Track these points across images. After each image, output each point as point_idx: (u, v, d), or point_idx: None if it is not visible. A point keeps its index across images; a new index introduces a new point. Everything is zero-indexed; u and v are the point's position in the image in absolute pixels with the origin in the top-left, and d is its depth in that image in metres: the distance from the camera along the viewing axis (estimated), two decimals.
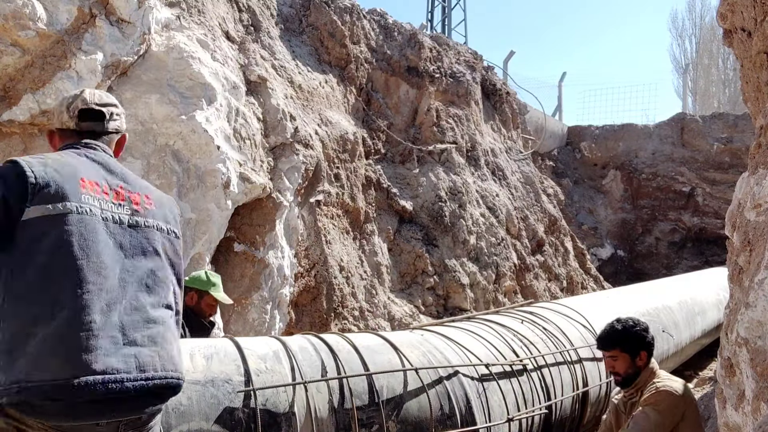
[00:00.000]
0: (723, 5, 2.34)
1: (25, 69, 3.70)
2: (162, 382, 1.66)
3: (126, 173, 1.87)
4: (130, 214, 1.76)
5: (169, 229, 1.87)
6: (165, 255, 1.82)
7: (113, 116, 1.94)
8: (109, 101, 1.95)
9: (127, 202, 1.78)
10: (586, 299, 5.87)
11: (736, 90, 24.94)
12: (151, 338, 1.67)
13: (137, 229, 1.77)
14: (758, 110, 2.22)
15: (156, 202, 1.87)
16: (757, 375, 1.77)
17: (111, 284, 1.64)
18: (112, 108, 1.95)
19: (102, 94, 1.96)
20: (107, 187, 1.75)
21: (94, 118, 1.89)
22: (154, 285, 1.75)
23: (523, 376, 3.72)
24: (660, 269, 13.91)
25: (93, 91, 1.95)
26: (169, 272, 1.82)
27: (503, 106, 10.73)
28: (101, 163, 1.81)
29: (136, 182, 1.88)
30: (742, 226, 2.13)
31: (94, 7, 3.98)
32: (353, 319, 6.01)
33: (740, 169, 11.31)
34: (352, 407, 2.77)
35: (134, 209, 1.78)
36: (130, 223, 1.75)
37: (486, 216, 8.36)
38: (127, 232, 1.74)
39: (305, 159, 5.61)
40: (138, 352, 1.62)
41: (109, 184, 1.77)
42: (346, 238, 6.45)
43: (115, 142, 1.98)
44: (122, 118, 2.00)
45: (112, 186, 1.77)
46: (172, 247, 1.86)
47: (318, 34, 7.06)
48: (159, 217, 1.85)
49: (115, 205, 1.74)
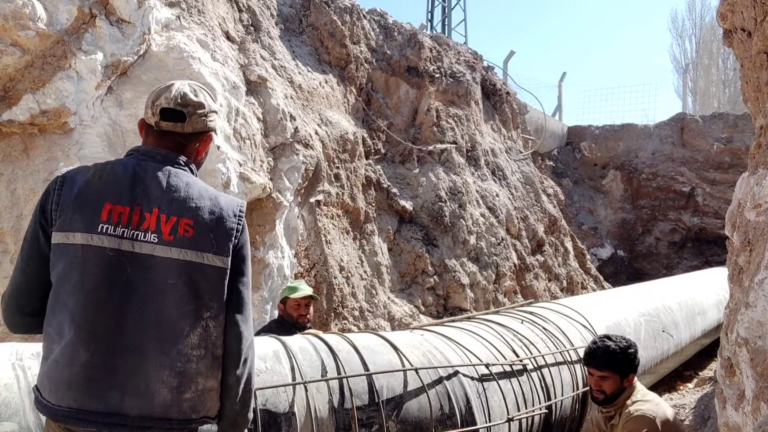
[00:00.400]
0: (723, 5, 2.34)
1: (25, 69, 3.70)
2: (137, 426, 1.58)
3: (173, 189, 1.70)
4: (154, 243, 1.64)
5: (207, 259, 1.68)
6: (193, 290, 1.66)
7: (195, 116, 1.80)
8: (194, 100, 1.80)
9: (156, 231, 1.64)
10: (586, 299, 5.87)
11: (736, 90, 24.93)
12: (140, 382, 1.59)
13: (159, 263, 1.64)
14: (758, 110, 2.22)
15: (199, 227, 1.69)
16: (757, 375, 1.77)
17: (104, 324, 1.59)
18: (196, 107, 1.80)
19: (189, 90, 1.81)
20: (138, 213, 1.64)
21: (173, 119, 1.78)
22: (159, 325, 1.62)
23: (523, 376, 3.72)
24: (660, 269, 13.91)
25: (181, 87, 1.81)
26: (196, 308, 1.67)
27: (503, 106, 10.73)
28: (153, 178, 1.69)
29: (182, 202, 1.69)
30: (742, 226, 2.13)
31: (94, 7, 3.98)
32: (353, 319, 6.01)
33: (740, 169, 11.31)
34: (352, 407, 2.77)
35: (163, 239, 1.65)
36: (152, 255, 1.64)
37: (486, 216, 8.36)
38: (143, 266, 1.63)
39: (305, 159, 5.61)
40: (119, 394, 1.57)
41: (142, 208, 1.65)
42: (346, 238, 6.45)
43: (198, 142, 1.85)
44: (208, 117, 1.84)
45: (145, 210, 1.65)
46: (209, 278, 1.69)
47: (318, 34, 7.06)
48: (195, 246, 1.67)
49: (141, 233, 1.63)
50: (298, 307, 3.79)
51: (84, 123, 3.89)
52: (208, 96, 1.88)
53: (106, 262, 1.61)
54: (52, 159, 3.80)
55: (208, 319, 1.69)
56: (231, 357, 1.74)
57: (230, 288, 1.74)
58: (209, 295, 1.69)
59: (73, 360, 1.57)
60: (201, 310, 1.68)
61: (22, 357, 2.17)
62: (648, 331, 5.29)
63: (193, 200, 1.71)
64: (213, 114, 1.87)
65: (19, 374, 2.09)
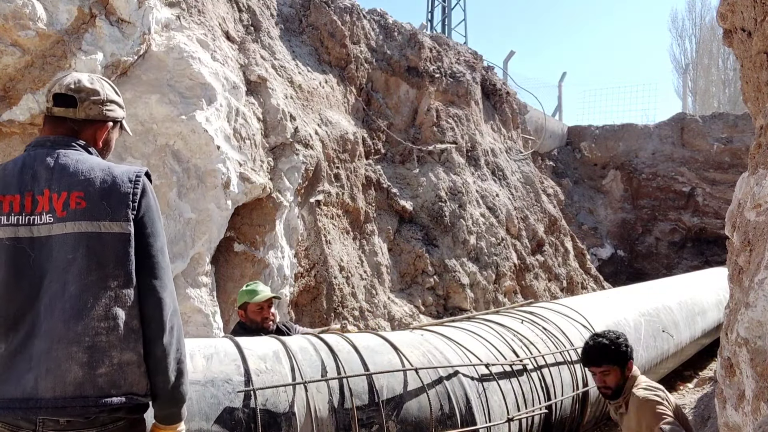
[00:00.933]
0: (723, 5, 2.34)
1: (25, 69, 3.70)
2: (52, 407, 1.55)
3: (62, 168, 1.69)
4: (51, 224, 1.63)
5: (104, 227, 1.65)
6: (94, 260, 1.63)
7: (88, 102, 1.77)
8: (87, 86, 1.78)
9: (51, 210, 1.64)
10: (586, 299, 5.87)
11: (736, 90, 24.94)
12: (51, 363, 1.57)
13: (58, 240, 1.63)
14: (758, 110, 2.22)
15: (91, 197, 1.66)
16: (757, 375, 1.77)
17: (18, 312, 1.59)
18: (90, 94, 1.78)
19: (86, 78, 1.79)
20: (30, 200, 1.64)
21: (65, 104, 1.76)
22: (64, 303, 1.59)
23: (523, 376, 3.72)
24: (660, 269, 13.91)
25: (78, 75, 1.80)
26: (101, 279, 1.63)
27: (503, 106, 10.73)
28: (41, 163, 1.69)
29: (71, 177, 1.68)
30: (742, 226, 2.13)
31: (94, 7, 3.98)
32: (353, 319, 6.01)
33: (740, 169, 11.31)
34: (352, 407, 2.77)
35: (57, 217, 1.64)
36: (50, 236, 1.63)
37: (486, 216, 8.36)
38: (46, 248, 1.62)
39: (305, 159, 5.61)
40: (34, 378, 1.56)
41: (34, 193, 1.65)
42: (346, 238, 6.45)
43: (94, 130, 1.82)
44: (105, 106, 1.82)
45: (37, 194, 1.65)
46: (110, 246, 1.65)
47: (318, 34, 7.06)
48: (89, 216, 1.64)
49: (37, 217, 1.63)
50: (260, 310, 3.59)
51: None
52: (108, 86, 1.86)
53: (9, 253, 1.61)
54: None
55: (117, 289, 1.64)
56: (153, 326, 1.69)
57: (141, 255, 1.69)
58: (113, 263, 1.64)
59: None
60: (106, 279, 1.63)
61: None
62: (648, 331, 5.29)
63: (82, 173, 1.68)
64: (112, 104, 1.85)
65: None
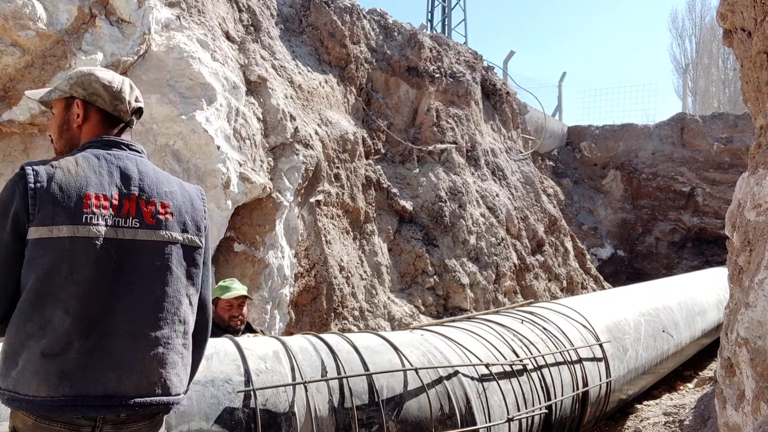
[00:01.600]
0: (723, 5, 2.34)
1: (25, 69, 3.70)
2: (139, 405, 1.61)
3: (145, 175, 1.74)
4: (137, 228, 1.67)
5: (186, 239, 1.76)
6: (178, 269, 1.73)
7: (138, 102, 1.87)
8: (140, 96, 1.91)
9: (138, 216, 1.68)
10: (586, 299, 5.87)
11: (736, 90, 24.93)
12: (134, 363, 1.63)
13: (143, 246, 1.68)
14: (758, 110, 2.22)
15: (176, 209, 1.75)
16: (757, 375, 1.77)
17: (98, 311, 1.60)
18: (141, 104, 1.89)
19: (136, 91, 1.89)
20: (117, 200, 1.66)
21: (138, 116, 1.87)
22: (149, 307, 1.66)
23: (523, 376, 3.72)
24: (660, 269, 13.91)
25: (128, 82, 1.86)
26: (181, 287, 1.73)
27: (503, 106, 10.73)
28: (120, 167, 1.71)
29: (155, 186, 1.74)
30: (742, 226, 2.13)
31: (94, 7, 3.98)
32: (353, 319, 6.01)
33: (740, 169, 11.31)
34: (352, 407, 2.77)
35: (145, 223, 1.69)
36: (135, 240, 1.67)
37: (486, 216, 8.36)
38: (129, 251, 1.66)
39: (305, 159, 5.61)
40: (116, 376, 1.59)
41: (121, 195, 1.68)
42: (346, 238, 6.45)
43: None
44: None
45: (124, 197, 1.68)
46: (189, 257, 1.76)
47: (318, 34, 7.06)
48: (175, 227, 1.74)
49: (122, 219, 1.66)
50: (230, 308, 3.47)
51: None
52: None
53: (95, 252, 1.61)
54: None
55: (190, 297, 1.76)
56: (202, 334, 1.84)
57: (204, 266, 1.82)
58: (191, 273, 1.76)
59: (67, 350, 1.56)
60: (186, 288, 1.75)
61: None
62: (648, 331, 5.29)
63: (164, 184, 1.76)
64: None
65: None
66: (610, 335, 4.75)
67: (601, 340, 4.56)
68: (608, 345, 4.63)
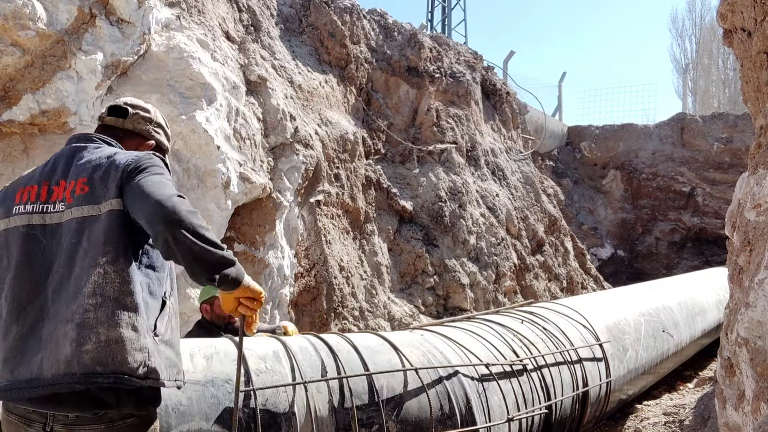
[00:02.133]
0: (723, 5, 2.34)
1: (25, 69, 3.70)
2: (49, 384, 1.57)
3: (81, 159, 1.77)
4: (62, 212, 1.70)
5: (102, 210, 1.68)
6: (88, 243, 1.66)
7: (137, 116, 1.99)
8: (140, 105, 2.02)
9: (63, 200, 1.72)
10: (586, 299, 5.86)
11: (736, 90, 24.93)
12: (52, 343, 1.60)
13: (60, 229, 1.69)
14: (758, 110, 2.22)
15: (91, 183, 1.71)
16: (757, 375, 1.77)
17: (30, 296, 1.65)
18: (141, 110, 2.01)
19: (142, 101, 2.04)
20: (46, 189, 1.75)
21: (116, 114, 1.98)
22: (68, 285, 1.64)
23: (523, 376, 3.72)
24: (660, 269, 13.91)
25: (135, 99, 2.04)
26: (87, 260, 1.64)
27: (503, 106, 10.73)
28: (66, 156, 1.81)
29: (85, 166, 1.75)
30: (742, 226, 2.13)
31: (94, 7, 3.98)
32: (353, 319, 6.01)
33: (740, 169, 11.31)
34: (352, 407, 2.77)
35: (66, 204, 1.71)
36: (54, 224, 1.70)
37: (486, 216, 8.36)
38: (50, 235, 1.70)
39: (305, 159, 5.61)
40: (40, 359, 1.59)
41: (51, 183, 1.75)
42: (346, 238, 6.45)
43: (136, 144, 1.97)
44: (152, 125, 2.03)
45: (54, 184, 1.75)
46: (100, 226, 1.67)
47: (318, 34, 7.06)
48: (87, 200, 1.69)
49: (51, 205, 1.72)
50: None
51: (84, 123, 3.89)
52: (161, 115, 2.08)
53: (23, 239, 1.70)
54: None
55: (105, 265, 1.63)
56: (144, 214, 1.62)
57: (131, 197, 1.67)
58: (104, 240, 1.65)
59: (7, 335, 1.64)
60: (96, 257, 1.63)
61: None
62: (648, 331, 5.29)
63: (93, 161, 1.76)
64: (160, 129, 2.05)
65: None
66: (610, 335, 4.75)
67: (601, 340, 4.56)
68: (608, 345, 4.62)
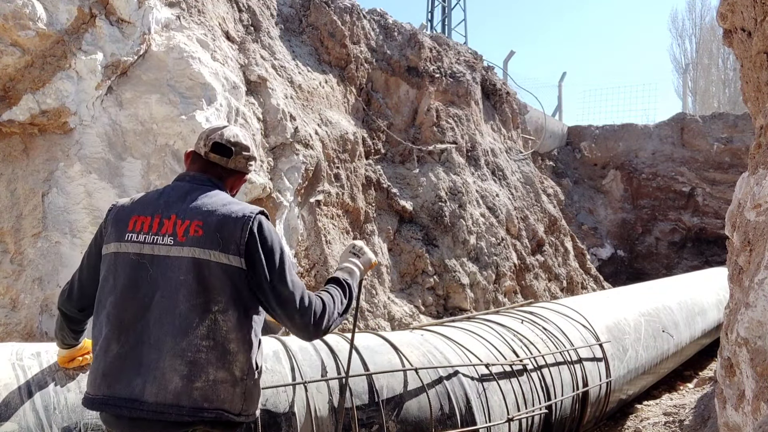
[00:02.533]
0: (723, 5, 2.34)
1: (25, 69, 3.70)
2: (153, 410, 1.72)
3: (194, 200, 1.90)
4: (170, 245, 1.82)
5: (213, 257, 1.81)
6: (197, 285, 1.79)
7: (240, 156, 2.05)
8: (242, 143, 2.06)
9: (172, 235, 1.83)
10: (586, 299, 5.87)
11: (736, 90, 24.93)
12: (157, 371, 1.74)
13: (169, 263, 1.81)
14: (758, 110, 2.22)
15: (206, 228, 1.84)
16: (757, 375, 1.77)
17: (131, 319, 1.80)
18: (243, 149, 2.06)
19: (240, 134, 2.08)
20: (158, 222, 1.86)
21: (221, 153, 2.03)
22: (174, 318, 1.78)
23: (523, 376, 3.72)
24: (660, 269, 13.91)
25: (235, 130, 2.08)
26: (197, 302, 1.79)
27: (503, 106, 10.72)
28: (177, 192, 1.93)
29: (199, 209, 1.87)
30: (742, 226, 2.13)
31: (94, 7, 3.98)
32: (353, 319, 6.00)
33: (740, 169, 11.31)
34: (352, 407, 2.77)
35: (176, 240, 1.83)
36: (162, 256, 1.82)
37: (486, 216, 8.36)
38: (156, 266, 1.82)
39: (305, 159, 5.61)
40: (142, 383, 1.74)
41: (162, 217, 1.86)
42: (346, 238, 6.45)
43: (235, 180, 2.10)
44: (249, 161, 2.10)
45: (165, 218, 1.86)
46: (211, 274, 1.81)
47: (318, 34, 7.06)
48: (201, 244, 1.82)
49: (155, 238, 1.84)
50: None
51: (84, 123, 3.89)
52: (252, 142, 2.15)
53: (132, 265, 1.83)
54: (52, 159, 3.80)
55: (217, 313, 1.80)
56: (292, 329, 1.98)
57: (259, 289, 1.87)
58: (216, 290, 1.81)
59: (108, 352, 1.79)
60: (209, 303, 1.80)
61: (22, 357, 2.17)
62: (648, 331, 5.29)
63: (207, 206, 1.89)
64: (253, 161, 2.14)
65: (18, 374, 2.09)
66: (610, 335, 4.76)
67: (601, 340, 4.56)
68: (608, 345, 4.63)
